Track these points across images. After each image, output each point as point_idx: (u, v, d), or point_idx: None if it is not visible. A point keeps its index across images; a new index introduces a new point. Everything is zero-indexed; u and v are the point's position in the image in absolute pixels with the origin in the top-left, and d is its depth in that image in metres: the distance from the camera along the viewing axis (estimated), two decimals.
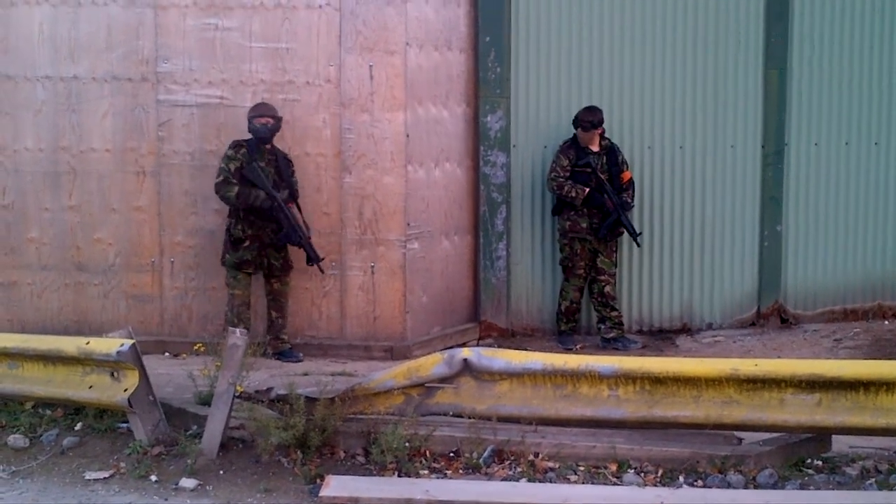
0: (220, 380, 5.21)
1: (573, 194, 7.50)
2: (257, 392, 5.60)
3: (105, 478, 5.07)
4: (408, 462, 5.04)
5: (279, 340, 7.13)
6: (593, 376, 5.11)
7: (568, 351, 7.46)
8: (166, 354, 7.17)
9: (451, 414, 5.26)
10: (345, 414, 5.18)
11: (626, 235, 7.70)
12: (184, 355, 7.00)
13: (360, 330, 7.34)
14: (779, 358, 7.04)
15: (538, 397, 5.18)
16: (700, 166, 7.99)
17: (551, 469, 5.03)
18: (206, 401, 5.51)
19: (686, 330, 8.05)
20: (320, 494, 4.72)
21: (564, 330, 7.76)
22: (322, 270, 7.10)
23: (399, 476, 4.97)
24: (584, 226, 7.57)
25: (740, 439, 5.25)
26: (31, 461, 5.30)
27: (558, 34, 7.74)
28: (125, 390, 5.26)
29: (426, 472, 5.02)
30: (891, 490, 4.82)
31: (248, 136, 6.96)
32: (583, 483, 4.92)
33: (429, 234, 7.48)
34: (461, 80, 7.66)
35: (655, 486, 4.90)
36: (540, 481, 4.93)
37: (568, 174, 7.52)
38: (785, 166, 8.06)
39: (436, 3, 7.40)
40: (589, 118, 7.47)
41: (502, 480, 4.94)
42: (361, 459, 5.16)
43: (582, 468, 5.04)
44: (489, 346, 7.34)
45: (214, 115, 7.18)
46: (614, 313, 7.70)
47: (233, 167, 6.88)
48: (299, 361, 7.03)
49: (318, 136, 7.22)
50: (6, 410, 5.78)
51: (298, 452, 5.08)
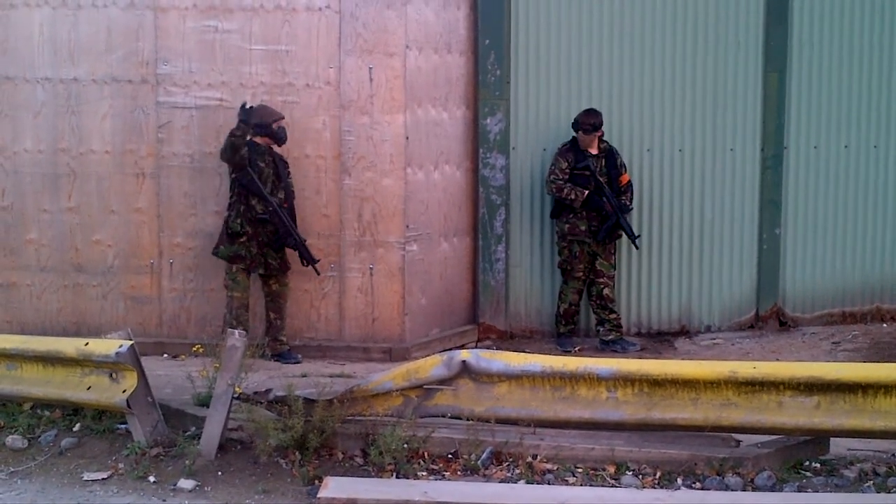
0: (218, 381, 5.22)
1: (572, 197, 7.51)
2: (256, 393, 5.59)
3: (103, 478, 5.08)
4: (406, 463, 5.04)
5: (278, 342, 7.13)
6: (592, 378, 5.11)
7: (566, 353, 7.46)
8: (165, 356, 7.17)
9: (449, 416, 5.25)
10: (343, 415, 5.18)
11: (624, 238, 7.71)
12: (182, 357, 7.00)
13: (359, 332, 7.34)
14: (777, 360, 7.04)
15: (537, 399, 5.18)
16: (699, 169, 7.99)
17: (549, 471, 5.04)
18: (204, 402, 5.52)
19: (685, 332, 8.05)
20: (318, 496, 4.71)
21: (563, 332, 7.76)
22: (318, 272, 7.11)
23: (397, 477, 4.98)
24: (584, 228, 7.57)
25: (738, 442, 5.26)
26: (29, 462, 5.30)
27: (558, 37, 7.74)
28: (124, 391, 5.26)
29: (424, 473, 5.02)
30: (889, 493, 4.83)
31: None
32: (581, 485, 4.92)
33: (428, 236, 7.49)
34: (461, 83, 7.66)
35: (654, 488, 4.90)
36: (538, 483, 4.93)
37: (567, 177, 7.53)
38: (784, 169, 8.07)
39: (436, 6, 7.41)
40: (590, 121, 7.47)
41: (500, 482, 4.95)
42: (360, 461, 5.16)
43: (580, 470, 5.05)
44: (488, 347, 7.33)
45: (214, 117, 7.18)
46: (613, 315, 7.70)
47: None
48: (298, 363, 7.03)
49: (317, 138, 7.22)
50: (4, 411, 5.79)
51: (297, 454, 5.08)
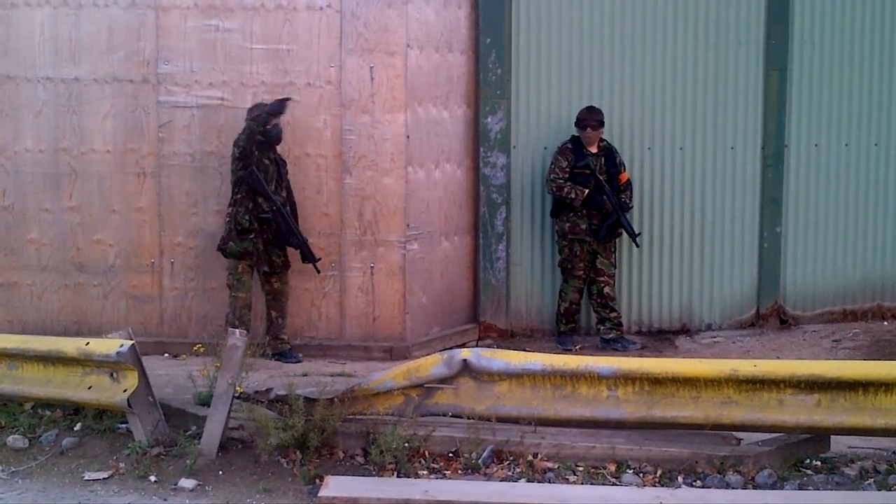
0: (219, 380, 5.22)
1: (572, 195, 7.51)
2: (257, 393, 5.60)
3: (104, 478, 5.08)
4: (407, 462, 5.04)
5: (279, 341, 7.13)
6: (592, 377, 5.12)
7: (567, 352, 7.47)
8: (166, 355, 7.17)
9: (450, 414, 5.26)
10: (344, 414, 5.18)
11: (625, 236, 7.71)
12: (183, 356, 7.01)
13: (360, 331, 7.34)
14: (778, 358, 7.03)
15: (537, 398, 5.18)
16: (700, 167, 7.99)
17: (550, 469, 5.04)
18: (205, 401, 5.52)
19: (685, 331, 8.05)
20: (319, 495, 4.72)
21: (564, 331, 7.76)
22: (318, 270, 7.11)
23: (398, 476, 4.98)
24: (584, 227, 7.57)
25: (739, 440, 5.26)
26: (30, 461, 5.31)
27: (559, 36, 7.74)
28: (124, 391, 5.27)
29: (425, 472, 5.02)
30: (889, 490, 4.83)
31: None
32: (582, 483, 4.93)
33: (428, 234, 7.49)
34: (462, 82, 7.66)
35: (654, 486, 4.90)
36: (539, 482, 4.94)
37: (567, 175, 7.53)
38: (785, 167, 8.07)
39: (437, 5, 7.41)
40: (596, 117, 7.48)
41: (501, 481, 4.95)
42: (360, 460, 5.16)
43: (581, 468, 5.05)
44: (488, 346, 7.33)
45: (215, 116, 7.19)
46: (613, 314, 7.70)
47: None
48: (298, 362, 7.03)
49: (318, 137, 7.22)
50: (5, 411, 5.79)
51: (297, 453, 5.08)
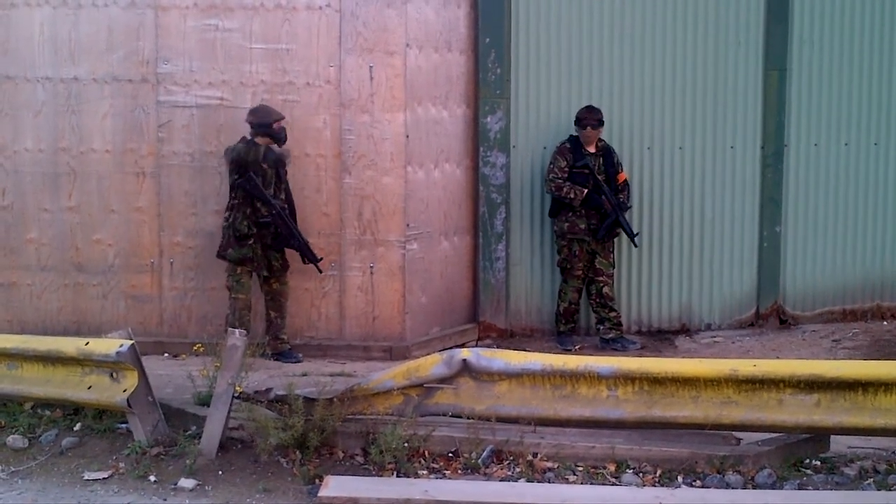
0: (219, 380, 5.22)
1: (572, 195, 7.50)
2: (256, 393, 5.60)
3: (104, 478, 5.08)
4: (407, 462, 5.04)
5: (278, 341, 7.13)
6: (592, 377, 5.12)
7: (567, 351, 7.47)
8: (165, 355, 7.17)
9: (450, 414, 5.26)
10: (344, 414, 5.18)
11: (624, 236, 7.70)
12: (183, 356, 7.00)
13: (360, 330, 7.34)
14: (777, 358, 7.04)
15: (537, 398, 5.18)
16: (699, 167, 7.99)
17: (550, 469, 5.04)
18: (205, 401, 5.52)
19: (685, 330, 8.05)
20: (319, 495, 4.72)
21: (563, 331, 7.76)
22: (320, 270, 7.11)
23: (398, 476, 4.98)
24: (583, 227, 7.57)
25: (739, 439, 5.26)
26: (30, 461, 5.30)
27: (558, 35, 7.74)
28: (124, 391, 5.27)
29: (425, 472, 5.02)
30: (889, 490, 4.83)
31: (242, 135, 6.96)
32: (581, 483, 4.93)
33: (428, 234, 7.49)
34: (461, 81, 7.66)
35: (654, 486, 4.90)
36: (539, 481, 4.94)
37: (566, 175, 7.53)
38: (784, 167, 8.07)
39: (436, 5, 7.40)
40: (596, 116, 7.48)
41: (501, 481, 4.95)
42: (360, 460, 5.16)
43: (581, 468, 5.05)
44: (488, 346, 7.33)
45: (214, 116, 7.18)
46: (613, 314, 7.70)
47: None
48: (298, 362, 7.03)
49: (318, 136, 7.22)
50: (5, 411, 5.79)
51: (297, 453, 5.09)
